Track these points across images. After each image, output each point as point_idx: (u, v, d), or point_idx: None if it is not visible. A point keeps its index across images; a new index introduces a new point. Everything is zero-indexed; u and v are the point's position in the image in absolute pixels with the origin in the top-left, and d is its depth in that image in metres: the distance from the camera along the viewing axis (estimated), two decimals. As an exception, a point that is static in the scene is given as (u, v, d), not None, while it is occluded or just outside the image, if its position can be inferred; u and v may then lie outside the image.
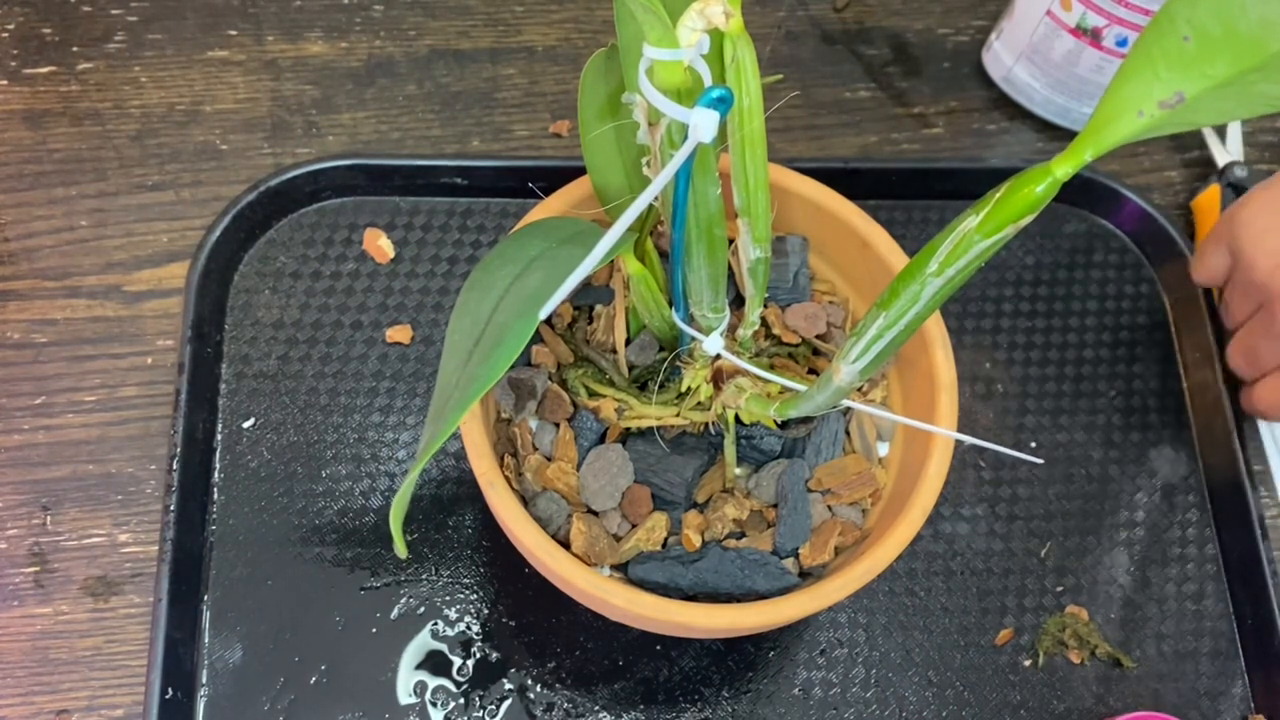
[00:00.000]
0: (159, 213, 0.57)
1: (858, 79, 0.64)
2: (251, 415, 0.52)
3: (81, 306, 0.54)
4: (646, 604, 0.38)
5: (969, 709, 0.49)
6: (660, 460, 0.42)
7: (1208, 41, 0.22)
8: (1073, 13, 0.56)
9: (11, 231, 0.56)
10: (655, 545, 0.41)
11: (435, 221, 0.57)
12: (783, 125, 0.62)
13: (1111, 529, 0.53)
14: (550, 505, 0.41)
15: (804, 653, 0.49)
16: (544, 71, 0.63)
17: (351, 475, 0.51)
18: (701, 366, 0.41)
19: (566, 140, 0.61)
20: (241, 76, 0.61)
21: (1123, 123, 0.24)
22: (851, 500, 0.43)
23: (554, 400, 0.43)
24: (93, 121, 0.59)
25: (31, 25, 0.61)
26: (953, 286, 0.29)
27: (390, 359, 0.54)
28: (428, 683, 0.48)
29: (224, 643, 0.48)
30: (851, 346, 0.33)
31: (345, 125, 0.60)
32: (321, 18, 0.63)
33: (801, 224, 0.47)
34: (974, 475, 0.54)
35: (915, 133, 0.63)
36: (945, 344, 0.42)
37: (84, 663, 0.48)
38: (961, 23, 0.67)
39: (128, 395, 0.52)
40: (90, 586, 0.49)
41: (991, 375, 0.56)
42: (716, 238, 0.36)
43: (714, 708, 0.48)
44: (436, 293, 0.56)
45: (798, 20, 0.66)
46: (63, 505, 0.50)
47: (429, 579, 0.50)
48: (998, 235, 0.27)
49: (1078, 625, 0.51)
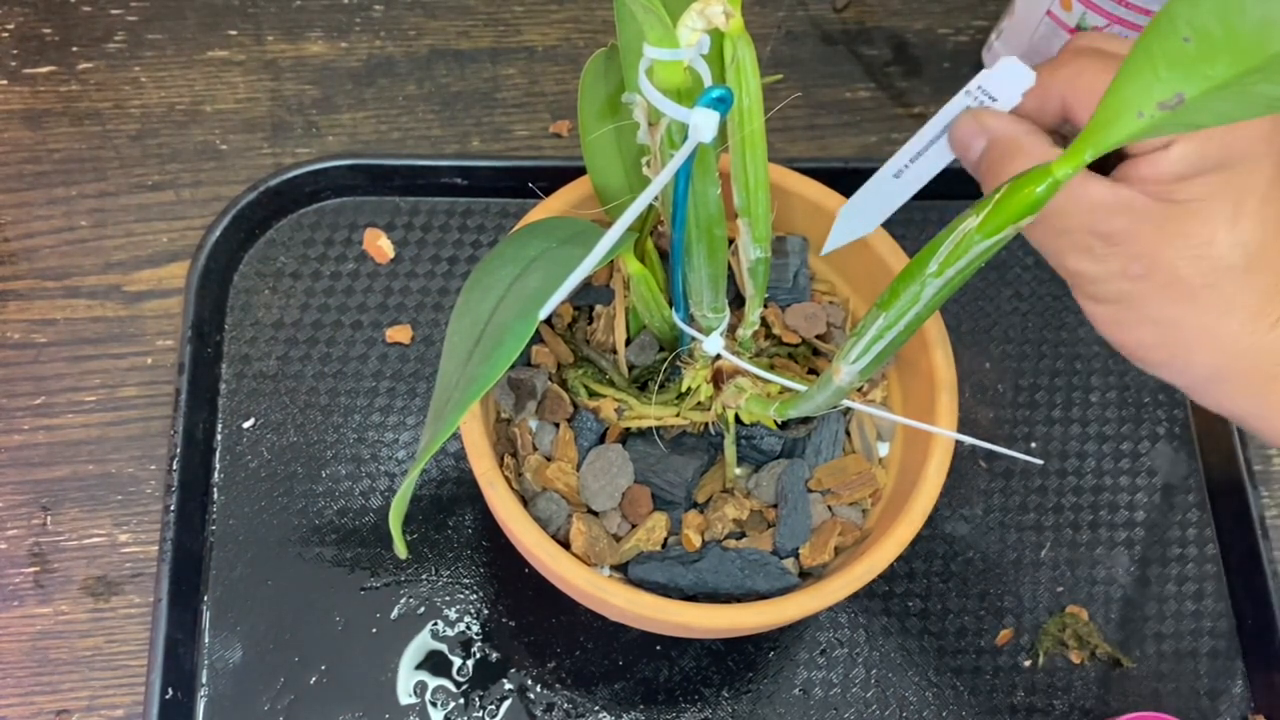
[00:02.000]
0: (159, 213, 0.57)
1: (858, 79, 0.64)
2: (251, 415, 0.52)
3: (81, 306, 0.54)
4: (646, 604, 0.38)
5: (969, 709, 0.49)
6: (660, 460, 0.42)
7: (1208, 42, 0.22)
8: (1073, 13, 0.56)
9: (11, 231, 0.56)
10: (655, 545, 0.41)
11: (435, 221, 0.57)
12: (783, 125, 0.62)
13: (1111, 529, 0.53)
14: (550, 505, 0.41)
15: (804, 653, 0.49)
16: (544, 71, 0.63)
17: (351, 475, 0.51)
18: (701, 366, 0.41)
19: (566, 140, 0.61)
20: (241, 76, 0.61)
21: (1123, 123, 0.24)
22: (851, 500, 0.43)
23: (554, 400, 0.43)
24: (93, 121, 0.59)
25: (31, 25, 0.61)
26: (953, 287, 0.29)
27: (390, 359, 0.54)
28: (428, 683, 0.48)
29: (224, 643, 0.48)
30: (851, 347, 0.33)
31: (345, 125, 0.60)
32: (321, 18, 0.63)
33: (801, 224, 0.47)
34: (974, 475, 0.54)
35: (915, 132, 0.63)
36: (945, 344, 0.42)
37: (84, 663, 0.48)
38: (961, 23, 0.67)
39: (128, 395, 0.52)
40: (90, 586, 0.49)
41: (991, 375, 0.56)
42: (716, 238, 0.36)
43: (714, 708, 0.48)
44: (436, 293, 0.56)
45: (798, 20, 0.66)
46: (63, 505, 0.50)
47: (429, 579, 0.50)
48: (998, 235, 0.27)
49: (1078, 625, 0.51)
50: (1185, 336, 0.33)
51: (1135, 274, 0.32)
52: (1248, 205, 0.31)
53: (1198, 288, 0.32)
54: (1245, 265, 0.32)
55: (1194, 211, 0.31)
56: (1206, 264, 0.32)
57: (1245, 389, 0.34)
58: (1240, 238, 0.31)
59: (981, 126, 0.33)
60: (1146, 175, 0.31)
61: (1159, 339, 0.34)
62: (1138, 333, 0.34)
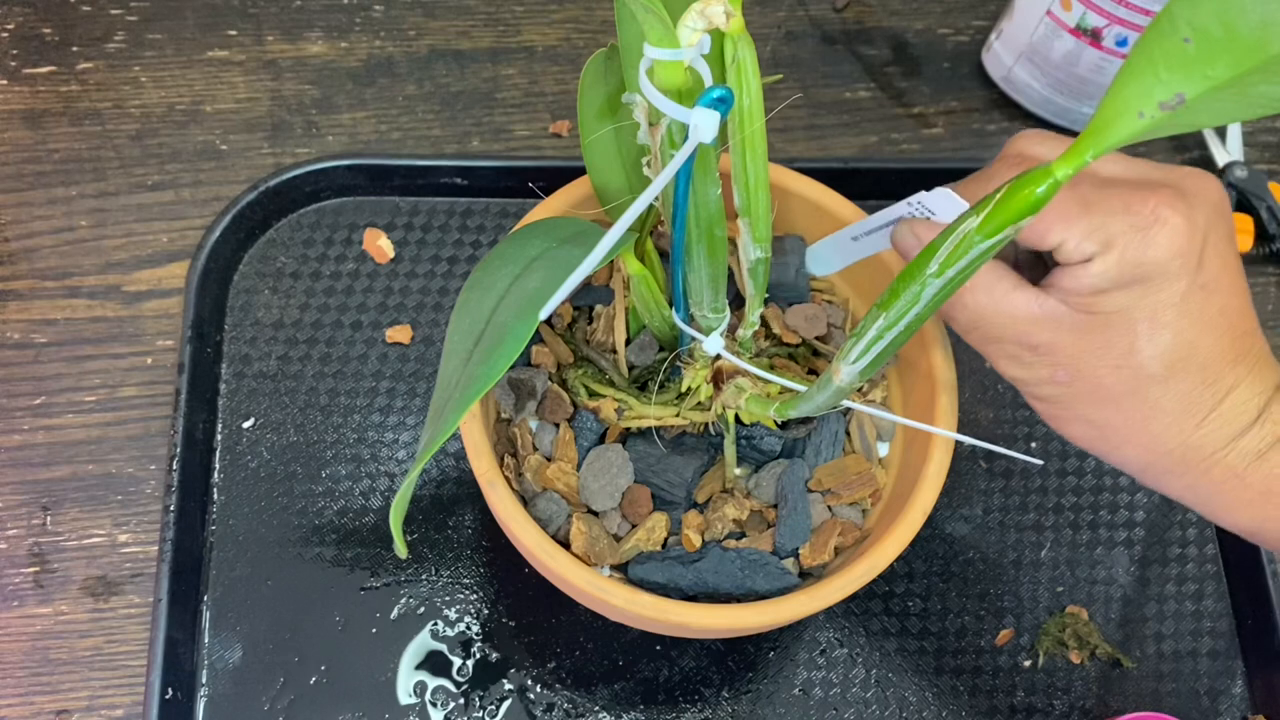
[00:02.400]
0: (159, 213, 0.57)
1: (858, 79, 0.64)
2: (251, 415, 0.52)
3: (81, 306, 0.54)
4: (646, 604, 0.38)
5: (969, 709, 0.49)
6: (660, 460, 0.42)
7: (1208, 43, 0.22)
8: (1073, 13, 0.56)
9: (11, 231, 0.56)
10: (655, 545, 0.41)
11: (435, 221, 0.57)
12: (783, 125, 0.62)
13: (1111, 529, 0.53)
14: (550, 505, 0.41)
15: (804, 653, 0.49)
16: (544, 71, 0.63)
17: (351, 475, 0.51)
18: (701, 366, 0.41)
19: (566, 140, 0.61)
20: (241, 76, 0.61)
21: (1123, 124, 0.24)
22: (851, 500, 0.43)
23: (554, 400, 0.43)
24: (93, 121, 0.59)
25: (31, 25, 0.61)
26: (953, 287, 0.29)
27: (390, 359, 0.54)
28: (428, 683, 0.48)
29: (224, 643, 0.48)
30: (851, 347, 0.33)
31: (345, 125, 0.60)
32: (321, 18, 0.63)
33: (801, 224, 0.47)
34: (974, 475, 0.54)
35: (915, 133, 0.63)
36: (945, 344, 0.42)
37: (84, 663, 0.48)
38: (961, 23, 0.67)
39: (128, 395, 0.52)
40: (90, 586, 0.49)
41: (991, 375, 0.56)
42: (716, 238, 0.36)
43: (714, 708, 0.48)
44: (436, 293, 0.56)
45: (798, 20, 0.66)
46: (63, 505, 0.50)
47: (429, 579, 0.50)
48: (998, 236, 0.27)
49: (1078, 625, 0.51)
50: (1116, 436, 0.35)
51: (1062, 380, 0.35)
52: (1164, 317, 0.33)
53: (1121, 395, 0.34)
54: (1165, 374, 0.34)
55: (1113, 324, 0.33)
56: (1128, 373, 0.34)
57: (1179, 480, 0.36)
58: (1158, 349, 0.33)
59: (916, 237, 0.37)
60: (1069, 288, 0.33)
61: (1094, 435, 0.36)
62: (1073, 429, 0.36)
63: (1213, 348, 0.33)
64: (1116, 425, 0.35)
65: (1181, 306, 0.33)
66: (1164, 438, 0.34)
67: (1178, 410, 0.34)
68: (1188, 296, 0.33)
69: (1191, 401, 0.34)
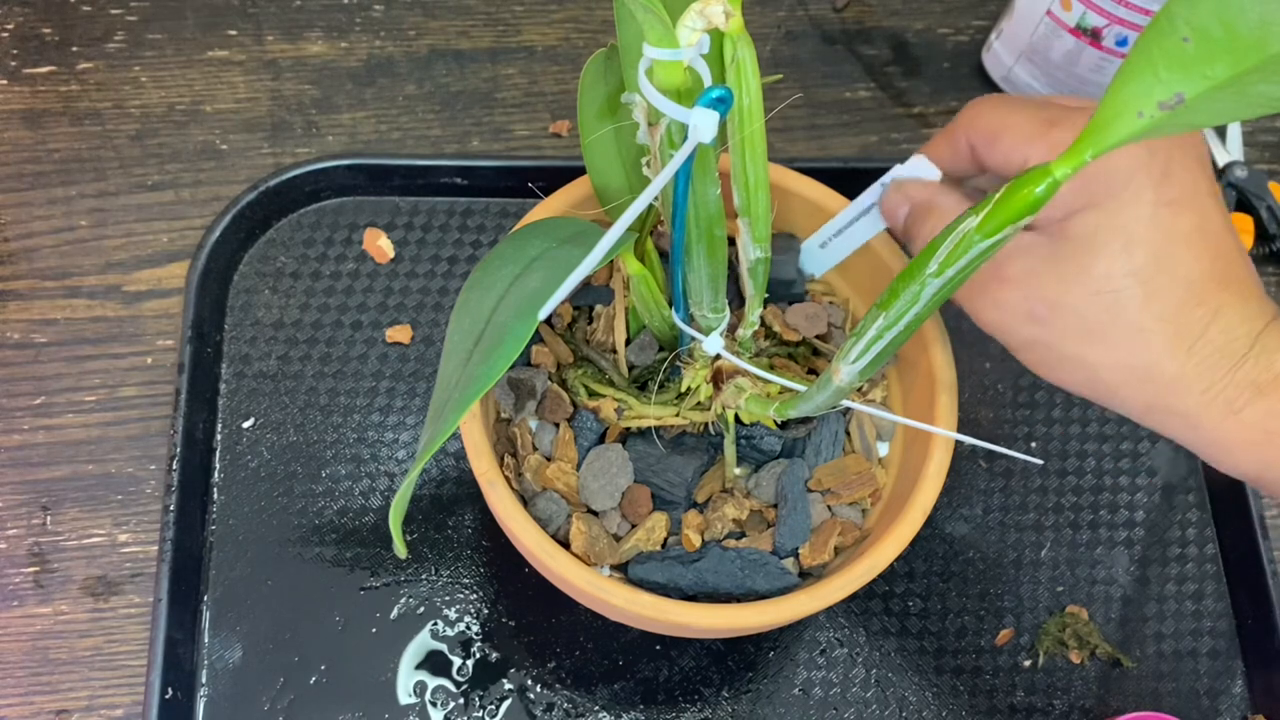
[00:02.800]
0: (159, 213, 0.57)
1: (858, 79, 0.64)
2: (251, 415, 0.52)
3: (81, 306, 0.54)
4: (646, 604, 0.38)
5: (969, 709, 0.49)
6: (660, 460, 0.42)
7: (1208, 42, 0.22)
8: (1073, 13, 0.56)
9: (11, 231, 0.56)
10: (655, 545, 0.41)
11: (435, 221, 0.57)
12: (783, 125, 0.62)
13: (1111, 529, 0.53)
14: (550, 505, 0.41)
15: (804, 653, 0.49)
16: (544, 71, 0.63)
17: (351, 475, 0.51)
18: (701, 366, 0.41)
19: (566, 140, 0.61)
20: (241, 76, 0.61)
21: (1123, 123, 0.24)
22: (851, 500, 0.43)
23: (554, 400, 0.43)
24: (93, 121, 0.59)
25: (31, 25, 0.61)
26: (953, 287, 0.29)
27: (390, 359, 0.54)
28: (428, 683, 0.48)
29: (224, 643, 0.48)
30: (851, 347, 0.33)
31: (345, 125, 0.60)
32: (321, 18, 0.63)
33: (801, 224, 0.47)
34: (974, 475, 0.54)
35: (915, 133, 0.63)
36: (945, 344, 0.42)
37: (84, 663, 0.48)
38: (961, 23, 0.67)
39: (128, 395, 0.53)
40: (90, 586, 0.49)
41: (992, 375, 0.56)
42: (716, 238, 0.36)
43: (714, 708, 0.48)
44: (436, 293, 0.56)
45: (798, 20, 0.66)
46: (63, 505, 0.50)
47: (429, 579, 0.50)
48: (998, 235, 0.27)
49: (1078, 625, 0.51)
50: (1110, 375, 0.34)
51: (1041, 316, 0.34)
52: (1136, 231, 0.32)
53: (1105, 326, 0.33)
54: (1145, 294, 0.32)
55: (1086, 246, 0.32)
56: (1108, 298, 0.32)
57: (1181, 421, 0.34)
58: (1134, 265, 0.32)
59: (904, 195, 0.36)
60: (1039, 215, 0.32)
61: (1087, 378, 0.35)
62: (1064, 374, 0.35)
63: (1193, 265, 0.32)
64: (1107, 364, 0.34)
65: (1152, 221, 0.32)
66: (1157, 369, 0.33)
67: (1165, 334, 0.32)
68: (1157, 211, 0.32)
69: (1179, 323, 0.32)
